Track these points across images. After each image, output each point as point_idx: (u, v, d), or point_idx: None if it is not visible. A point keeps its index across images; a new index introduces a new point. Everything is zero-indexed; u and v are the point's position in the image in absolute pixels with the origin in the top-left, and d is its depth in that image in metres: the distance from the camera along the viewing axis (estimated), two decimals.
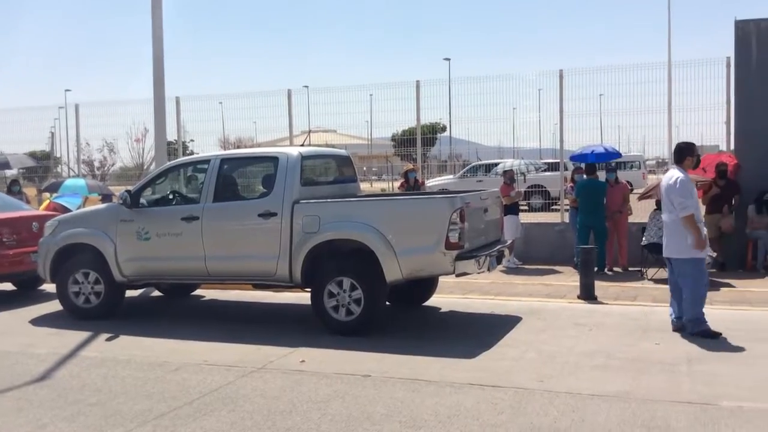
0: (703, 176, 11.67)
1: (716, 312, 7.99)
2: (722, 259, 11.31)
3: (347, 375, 6.13)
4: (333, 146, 14.36)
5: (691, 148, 7.45)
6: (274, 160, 8.23)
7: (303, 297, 8.53)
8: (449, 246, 7.26)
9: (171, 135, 16.38)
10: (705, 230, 7.36)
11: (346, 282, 7.55)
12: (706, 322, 7.09)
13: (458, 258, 7.32)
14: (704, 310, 7.18)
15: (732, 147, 12.03)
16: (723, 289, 9.79)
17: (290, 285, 8.07)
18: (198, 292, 10.44)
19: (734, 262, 11.40)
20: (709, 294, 9.13)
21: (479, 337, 7.31)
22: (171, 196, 9.05)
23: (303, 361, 6.62)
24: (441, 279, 8.96)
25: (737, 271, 11.20)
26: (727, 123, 11.73)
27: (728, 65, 11.65)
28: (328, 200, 8.07)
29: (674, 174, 7.27)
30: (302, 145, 9.24)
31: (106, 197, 14.49)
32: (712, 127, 12.34)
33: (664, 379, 5.77)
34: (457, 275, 7.58)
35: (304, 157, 8.24)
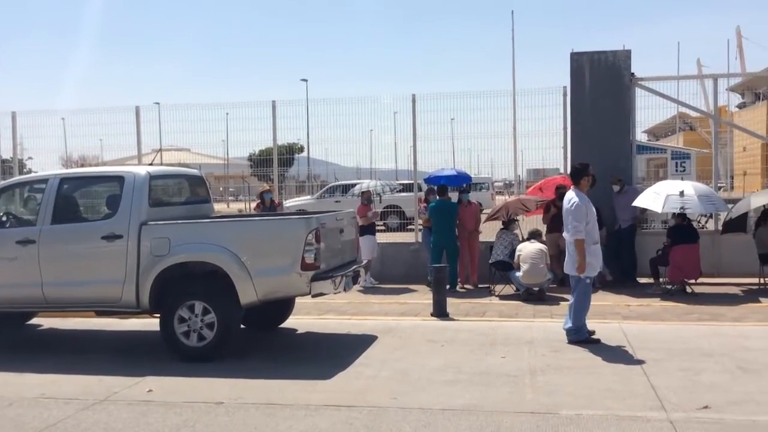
0: (542, 196, 12.48)
1: (555, 324, 8.51)
2: (561, 275, 12.03)
3: (198, 403, 5.91)
4: (186, 165, 13.91)
5: (586, 169, 7.87)
6: (119, 179, 7.85)
7: (152, 323, 8.15)
8: (305, 267, 7.24)
9: (6, 152, 15.23)
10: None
11: (198, 306, 7.31)
12: (587, 332, 7.71)
13: (314, 279, 7.32)
14: (546, 323, 7.67)
15: (569, 170, 12.90)
16: (562, 303, 10.42)
17: (137, 311, 7.70)
18: (34, 321, 9.69)
19: None
20: (549, 308, 9.73)
21: (335, 358, 7.31)
22: (4, 218, 8.37)
23: (150, 390, 6.31)
24: (298, 300, 8.90)
25: None
26: (564, 148, 12.59)
27: (565, 94, 12.51)
28: (179, 221, 7.80)
29: (572, 197, 7.73)
30: (151, 164, 8.88)
31: None
32: (553, 152, 13.21)
33: (509, 391, 6.04)
34: (314, 296, 7.56)
35: (152, 177, 7.91)
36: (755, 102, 59.36)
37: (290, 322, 9.10)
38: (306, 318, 9.53)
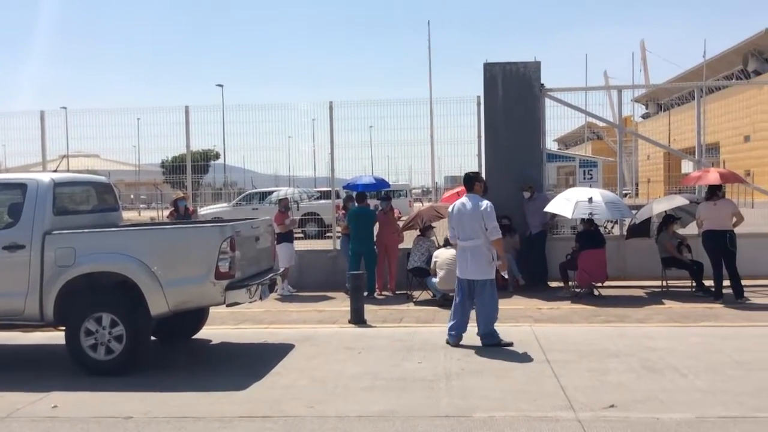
0: None
1: (471, 329, 8.66)
2: None
3: (106, 418, 5.69)
4: (95, 172, 13.40)
5: (478, 176, 8.41)
6: (21, 187, 7.48)
7: (57, 336, 7.80)
8: (219, 276, 7.11)
9: None
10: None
11: (106, 318, 7.06)
12: (498, 335, 7.94)
13: (229, 288, 7.20)
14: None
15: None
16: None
17: (41, 324, 7.35)
18: None
19: None
20: None
21: (251, 368, 7.20)
22: None
23: (55, 406, 6.04)
24: (213, 310, 8.72)
25: None
26: (479, 156, 12.87)
27: (478, 103, 12.80)
28: (85, 230, 7.50)
29: (480, 201, 8.02)
30: (56, 171, 8.51)
31: None
32: (469, 159, 13.47)
33: (424, 396, 6.10)
34: (228, 305, 7.42)
35: (57, 184, 7.59)
36: (658, 112, 62.49)
37: (204, 333, 8.90)
38: (221, 328, 9.35)
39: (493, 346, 7.81)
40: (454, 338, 8.04)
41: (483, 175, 12.97)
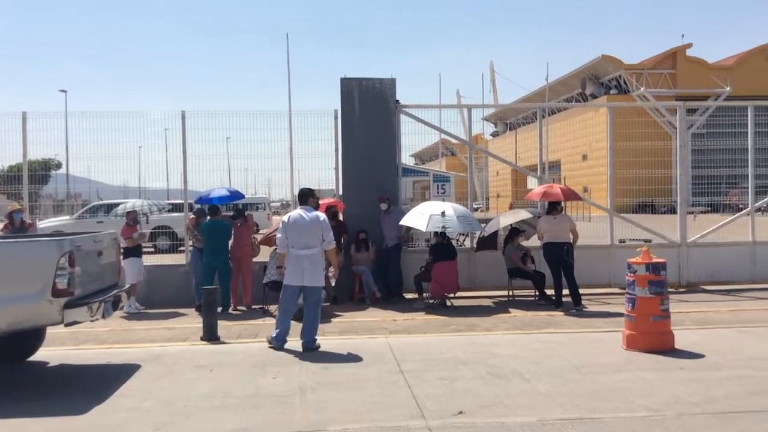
0: None
1: (327, 342, 8.68)
2: (334, 293, 12.34)
3: None
4: None
5: (312, 192, 8.94)
6: None
7: None
8: (57, 293, 6.65)
9: None
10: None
11: None
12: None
13: (67, 306, 6.73)
14: (319, 340, 8.48)
15: (341, 191, 13.31)
16: (334, 320, 10.67)
17: None
18: None
19: (344, 296, 12.53)
20: (322, 326, 9.86)
21: (93, 391, 6.75)
22: None
23: None
24: (51, 330, 8.12)
25: (346, 303, 12.33)
26: (336, 169, 12.95)
27: (336, 117, 12.91)
28: None
29: (317, 213, 8.58)
30: None
31: None
32: (329, 172, 13.51)
33: (278, 412, 6.00)
34: (67, 325, 6.94)
35: None
36: (506, 131, 66.10)
37: (41, 355, 8.26)
38: (60, 349, 8.72)
39: (313, 350, 8.27)
40: (278, 340, 8.47)
41: (340, 188, 13.14)
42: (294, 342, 8.55)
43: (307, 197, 8.76)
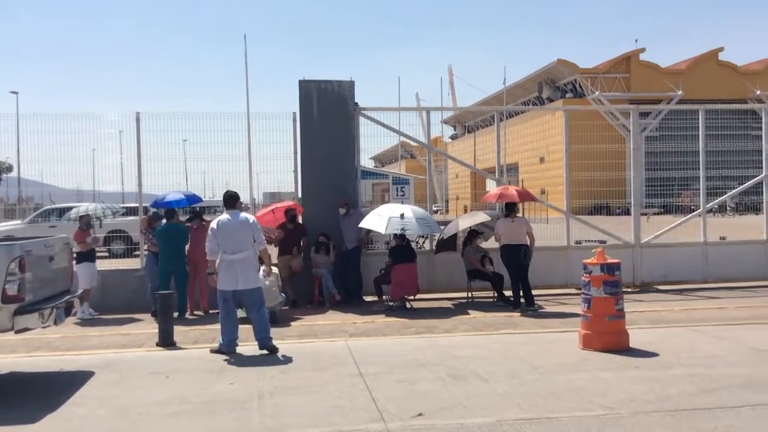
0: (273, 218, 12.64)
1: (286, 346, 8.60)
2: (294, 297, 12.24)
3: None
4: None
5: (237, 196, 8.92)
6: None
7: None
8: (6, 299, 6.51)
9: None
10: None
11: None
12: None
13: (18, 312, 6.57)
14: (277, 344, 8.41)
15: (300, 194, 13.23)
16: (294, 324, 10.59)
17: None
18: None
19: (304, 299, 12.44)
20: (281, 330, 9.81)
21: (44, 399, 6.58)
22: None
23: None
24: (1, 337, 7.87)
25: (306, 306, 12.24)
26: (295, 172, 12.87)
27: (294, 120, 12.82)
28: None
29: (245, 216, 8.58)
30: None
31: None
32: (288, 175, 13.41)
33: (235, 417, 5.92)
34: (17, 331, 6.78)
35: None
36: (465, 134, 66.65)
37: None
38: (10, 356, 8.48)
39: (269, 348, 8.26)
40: (232, 344, 8.41)
41: (299, 190, 13.06)
42: (251, 346, 8.47)
43: (233, 200, 8.72)
